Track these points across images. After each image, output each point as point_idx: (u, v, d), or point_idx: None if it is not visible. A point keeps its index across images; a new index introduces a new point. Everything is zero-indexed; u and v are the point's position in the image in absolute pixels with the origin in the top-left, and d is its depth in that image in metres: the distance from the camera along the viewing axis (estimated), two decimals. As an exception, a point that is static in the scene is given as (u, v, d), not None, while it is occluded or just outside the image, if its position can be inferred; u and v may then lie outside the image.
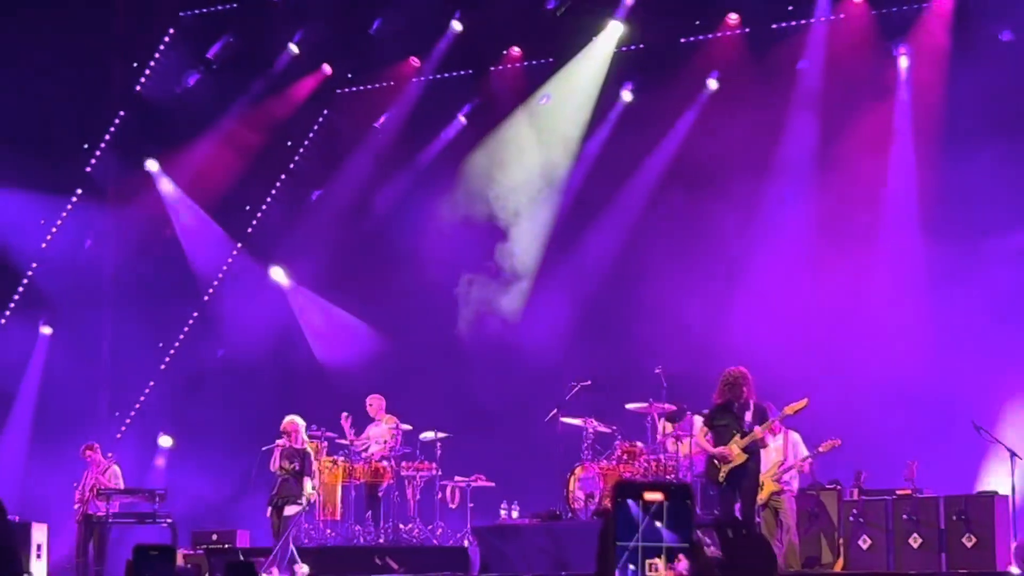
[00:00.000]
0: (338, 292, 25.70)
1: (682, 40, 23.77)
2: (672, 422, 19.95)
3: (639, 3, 23.27)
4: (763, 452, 17.04)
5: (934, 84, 22.08)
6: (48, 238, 24.42)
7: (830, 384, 20.44)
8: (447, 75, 25.22)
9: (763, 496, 17.39)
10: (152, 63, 24.66)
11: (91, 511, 21.02)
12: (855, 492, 18.52)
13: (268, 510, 19.51)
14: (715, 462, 16.66)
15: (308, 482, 19.59)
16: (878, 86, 22.56)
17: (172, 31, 24.70)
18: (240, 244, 26.25)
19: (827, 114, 22.50)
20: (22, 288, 24.57)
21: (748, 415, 16.68)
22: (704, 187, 22.97)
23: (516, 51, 24.71)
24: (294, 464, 19.28)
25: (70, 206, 24.63)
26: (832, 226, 22.20)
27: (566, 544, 19.03)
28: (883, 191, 22.06)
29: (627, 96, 24.30)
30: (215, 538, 21.15)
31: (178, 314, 25.76)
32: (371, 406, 21.67)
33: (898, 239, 21.78)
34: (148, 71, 24.70)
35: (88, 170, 24.73)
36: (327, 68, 25.47)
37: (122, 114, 24.80)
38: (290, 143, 26.24)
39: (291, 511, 19.26)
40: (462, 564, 19.52)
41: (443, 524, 21.30)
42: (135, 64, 24.74)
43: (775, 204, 22.63)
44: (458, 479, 21.47)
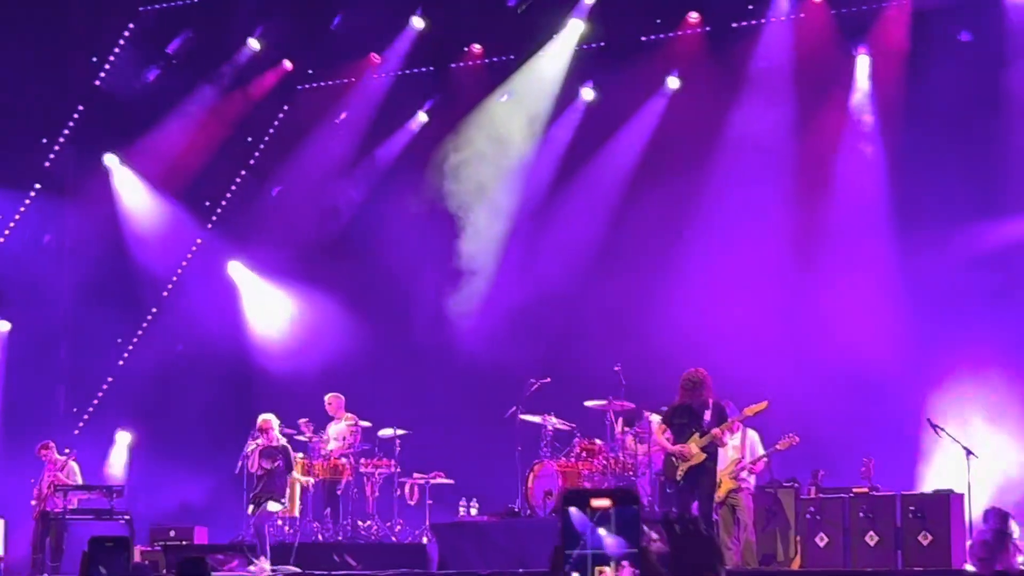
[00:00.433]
0: (298, 288, 25.65)
1: (643, 38, 23.80)
2: (629, 425, 20.01)
3: (600, 1, 23.30)
4: (721, 450, 17.09)
5: (894, 83, 22.19)
6: (6, 233, 24.27)
7: (788, 382, 20.50)
8: (408, 72, 25.18)
9: (720, 494, 17.46)
10: (111, 57, 24.53)
11: (49, 508, 20.94)
12: (812, 490, 18.61)
13: (250, 508, 19.27)
14: (673, 460, 16.71)
15: (298, 476, 19.63)
16: (838, 85, 22.63)
17: (131, 25, 24.56)
18: (200, 239, 26.17)
19: (787, 113, 22.55)
20: (-20, 283, 24.46)
21: (707, 414, 16.73)
22: (664, 185, 23.01)
23: (477, 48, 24.70)
24: (276, 462, 19.13)
25: (28, 200, 24.47)
26: (791, 225, 22.26)
27: (525, 541, 19.06)
28: (841, 190, 22.13)
29: (588, 94, 24.34)
30: (173, 534, 21.10)
31: (137, 309, 25.66)
32: (330, 404, 21.67)
33: (856, 238, 21.86)
34: (107, 65, 24.57)
35: (47, 165, 24.56)
36: (288, 64, 25.41)
37: (81, 108, 24.65)
38: (251, 139, 26.18)
39: (275, 508, 19.16)
40: (421, 561, 19.54)
41: (402, 521, 21.32)
42: (94, 58, 24.60)
43: (735, 203, 22.65)
44: (417, 476, 21.50)
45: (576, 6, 23.57)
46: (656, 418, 18.52)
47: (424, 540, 20.47)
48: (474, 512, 21.02)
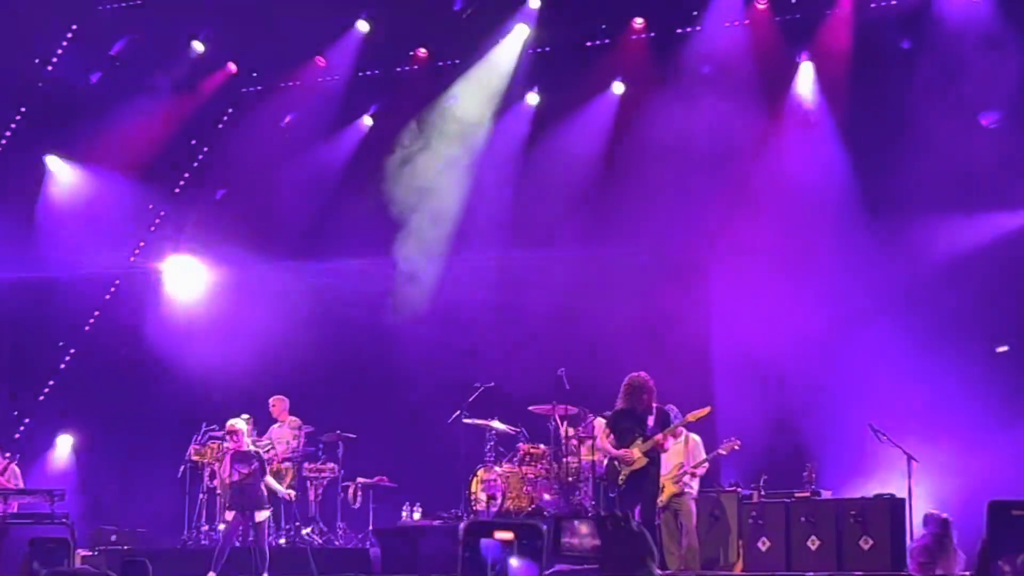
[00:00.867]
0: (241, 292, 25.56)
1: (588, 44, 23.85)
2: (573, 426, 20.03)
3: (545, 6, 23.34)
4: (664, 455, 17.13)
5: (837, 89, 22.31)
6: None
7: (731, 387, 20.61)
8: (354, 75, 25.13)
9: (664, 499, 17.52)
10: (54, 59, 24.39)
11: (-10, 511, 20.81)
12: (755, 495, 18.69)
13: (230, 514, 18.84)
14: (615, 464, 16.74)
15: (273, 481, 19.48)
16: (782, 91, 22.73)
17: (75, 26, 24.43)
18: (143, 242, 26.06)
19: (731, 118, 22.63)
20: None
21: (650, 419, 16.77)
22: (609, 189, 23.09)
23: (423, 52, 24.68)
24: (253, 467, 18.82)
25: (-30, 204, 24.37)
26: (734, 229, 22.34)
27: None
28: (785, 194, 22.20)
29: (533, 98, 24.37)
30: (114, 538, 20.98)
31: (80, 312, 25.51)
32: (274, 407, 21.61)
33: (797, 242, 21.92)
34: (50, 66, 24.43)
35: (-11, 166, 24.48)
36: (232, 66, 25.32)
37: (23, 110, 24.52)
38: (194, 141, 26.07)
39: (262, 516, 18.82)
40: (363, 565, 19.48)
41: (344, 525, 21.27)
42: (36, 60, 24.45)
43: (678, 207, 22.72)
44: (360, 480, 21.45)
45: (522, 11, 23.59)
46: (600, 422, 18.54)
47: (367, 544, 20.43)
48: (417, 516, 20.98)
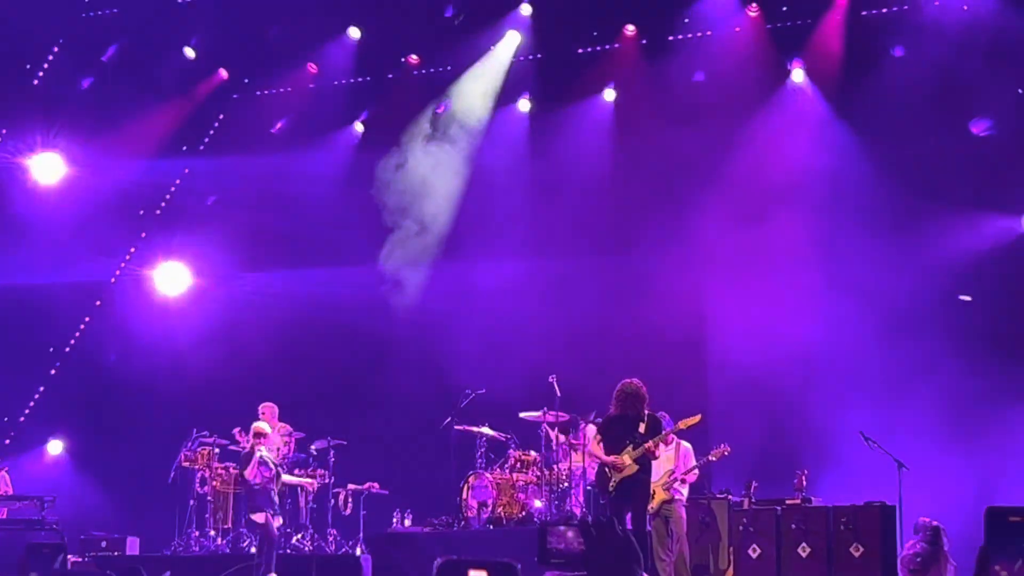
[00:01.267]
0: (230, 298, 25.52)
1: (579, 51, 23.88)
2: (565, 433, 20.02)
3: (537, 14, 23.36)
4: (655, 462, 17.09)
5: (828, 97, 22.35)
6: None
7: (721, 393, 20.61)
8: (345, 81, 25.15)
9: (654, 505, 17.48)
10: (46, 65, 24.38)
11: (-21, 517, 20.81)
12: (745, 501, 18.67)
13: (260, 516, 18.67)
14: (606, 471, 16.71)
15: (292, 477, 19.57)
16: (774, 97, 22.75)
17: (65, 33, 24.44)
18: (134, 248, 26.03)
19: (723, 125, 22.66)
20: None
21: (642, 426, 16.74)
22: (602, 196, 23.09)
23: (414, 59, 24.69)
24: (274, 471, 18.86)
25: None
26: (726, 235, 22.34)
27: (459, 552, 19.01)
28: (777, 202, 22.20)
29: (524, 105, 24.39)
30: (104, 545, 20.92)
31: (70, 318, 25.47)
32: (263, 414, 21.54)
33: (789, 250, 21.93)
34: (41, 73, 24.42)
35: (-21, 172, 24.47)
36: (223, 73, 25.32)
37: (14, 115, 24.48)
38: (185, 147, 26.05)
39: (278, 522, 18.84)
40: (354, 572, 19.46)
41: (335, 532, 21.23)
42: (28, 66, 24.45)
43: (670, 213, 22.74)
44: (351, 487, 21.41)
45: (513, 18, 23.61)
46: (591, 429, 18.53)
47: (358, 551, 20.40)
48: (408, 523, 20.96)
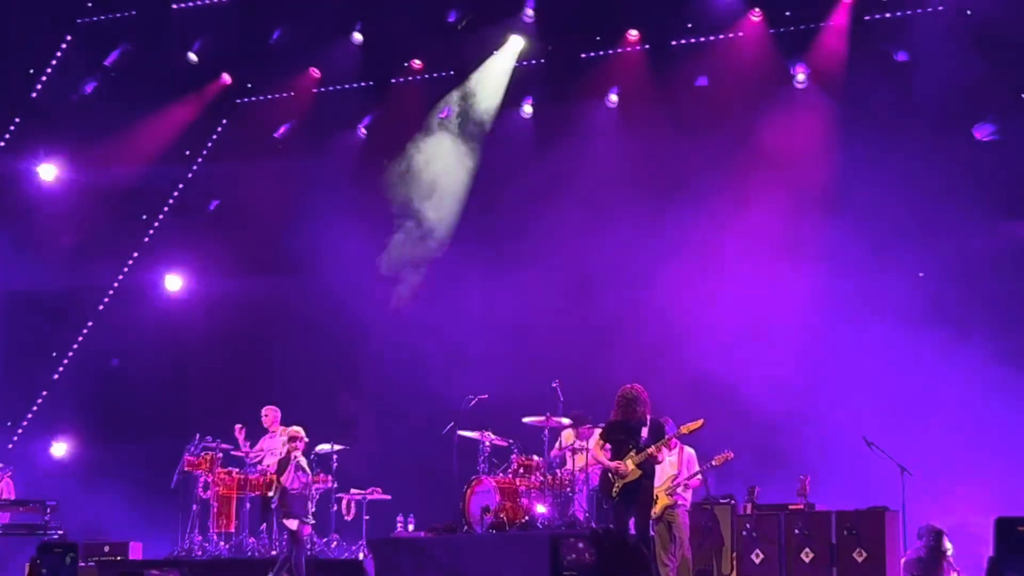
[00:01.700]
0: (235, 301, 25.53)
1: (583, 55, 23.88)
2: (577, 426, 19.84)
3: (540, 18, 23.35)
4: (658, 467, 17.08)
5: (831, 102, 22.32)
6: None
7: (724, 398, 20.59)
8: (348, 86, 25.16)
9: (657, 510, 17.47)
10: (48, 69, 24.40)
11: (-18, 522, 20.85)
12: (748, 507, 18.67)
13: (293, 523, 18.92)
14: (609, 476, 16.69)
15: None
16: (776, 102, 22.72)
17: (69, 37, 24.46)
18: (137, 253, 26.04)
19: (726, 130, 22.66)
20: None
21: (644, 431, 16.72)
22: (602, 201, 23.08)
23: (417, 63, 24.69)
24: (310, 476, 19.01)
25: (-36, 212, 24.41)
26: (728, 242, 22.34)
27: (462, 558, 19.02)
28: (780, 206, 22.19)
29: (528, 110, 24.39)
30: (107, 549, 20.92)
31: (72, 323, 25.47)
32: (266, 417, 21.53)
33: (790, 254, 21.92)
34: (44, 77, 24.44)
35: (-18, 176, 24.51)
36: (226, 77, 25.32)
37: (17, 120, 24.53)
38: (188, 152, 26.05)
39: (294, 524, 18.98)
40: (359, 576, 19.48)
41: (338, 537, 21.22)
42: (31, 70, 24.47)
43: (673, 219, 22.74)
44: (354, 491, 21.40)
45: (516, 22, 23.60)
46: (596, 432, 18.50)
47: (361, 556, 20.38)
48: (410, 528, 20.94)
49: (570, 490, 19.49)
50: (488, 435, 20.46)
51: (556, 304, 23.24)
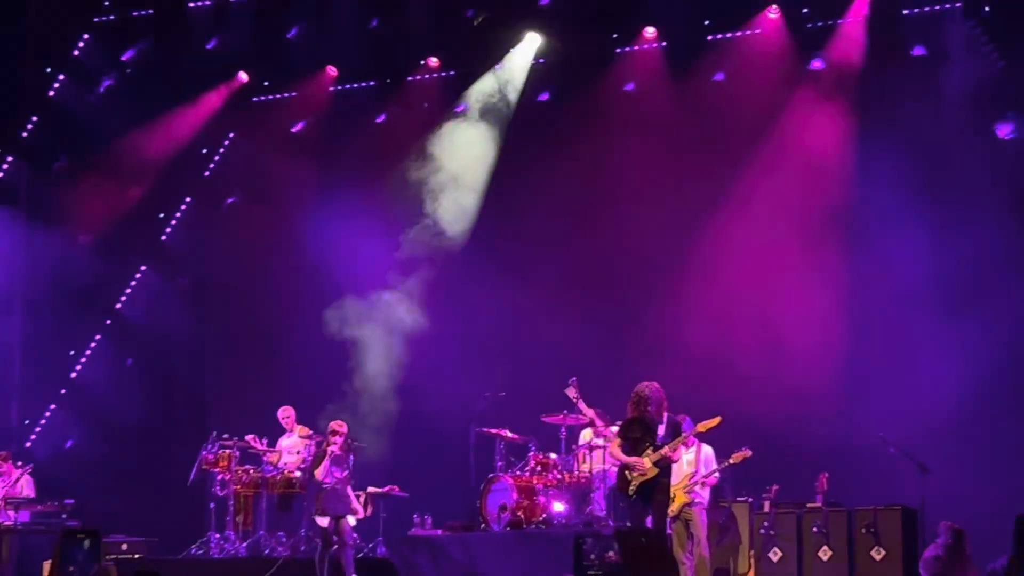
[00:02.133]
0: (250, 300, 25.54)
1: (599, 52, 23.83)
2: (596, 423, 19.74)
3: (556, 15, 23.32)
4: (675, 465, 17.02)
5: (849, 98, 22.26)
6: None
7: (742, 396, 20.54)
8: (364, 84, 25.16)
9: (674, 508, 17.41)
10: (66, 69, 24.43)
11: (1, 520, 20.85)
12: (766, 505, 18.63)
13: (324, 520, 18.96)
14: (626, 474, 16.63)
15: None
16: (794, 99, 22.67)
17: (87, 37, 24.49)
18: (154, 251, 26.06)
19: (744, 127, 22.62)
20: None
21: (661, 429, 16.68)
22: (620, 199, 23.05)
23: (434, 61, 24.68)
24: (347, 472, 18.96)
25: (-20, 212, 24.47)
26: (744, 239, 22.29)
27: (479, 556, 19.03)
28: (797, 203, 22.14)
29: (544, 106, 24.30)
30: (125, 548, 20.94)
31: (90, 322, 25.49)
32: (285, 419, 21.54)
33: (807, 251, 21.85)
34: (62, 77, 24.48)
35: (-1, 176, 24.56)
36: (243, 76, 25.33)
37: (35, 120, 24.56)
38: (205, 150, 26.07)
39: (351, 522, 19.00)
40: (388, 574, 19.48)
41: (355, 535, 21.21)
42: (48, 69, 24.51)
43: (690, 213, 22.73)
44: (371, 489, 21.39)
45: (534, 19, 23.57)
46: (612, 431, 18.49)
47: (380, 553, 20.40)
48: (428, 526, 20.93)
49: (588, 488, 19.50)
50: (505, 433, 20.47)
51: (574, 301, 23.20)
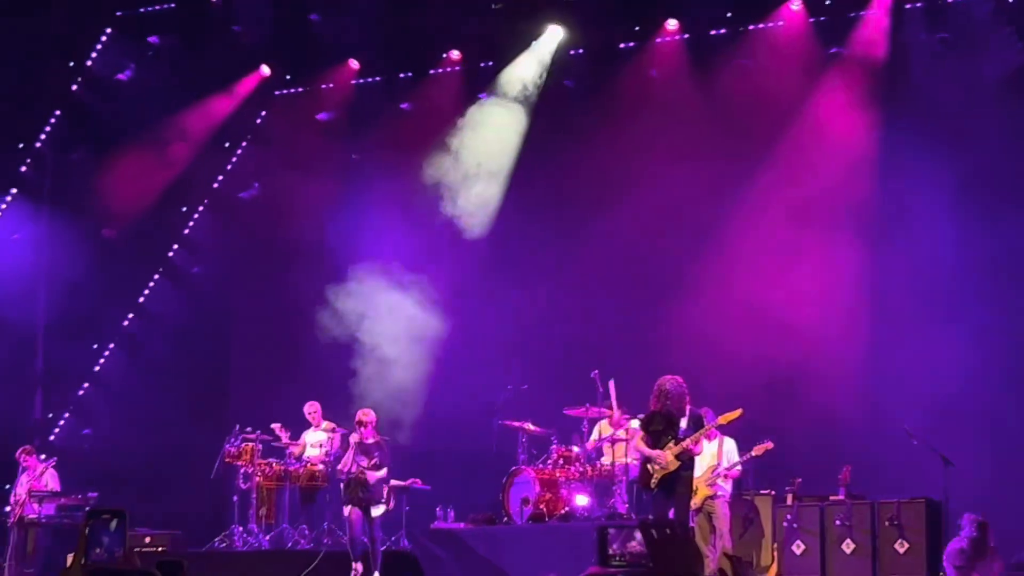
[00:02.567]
0: (272, 293, 25.56)
1: (621, 45, 23.81)
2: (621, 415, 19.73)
3: (578, 8, 23.30)
4: (698, 457, 17.01)
5: (872, 88, 22.19)
6: (-18, 237, 24.25)
7: (765, 389, 20.52)
8: (386, 77, 25.16)
9: (697, 501, 17.41)
10: (88, 62, 24.49)
11: (26, 513, 20.92)
12: (789, 497, 18.62)
13: (347, 509, 18.93)
14: (648, 467, 16.62)
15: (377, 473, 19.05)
16: (817, 91, 22.60)
17: (109, 30, 24.53)
18: (176, 244, 26.12)
19: (765, 119, 22.56)
20: (-43, 288, 24.37)
21: (684, 422, 16.67)
22: (642, 190, 22.99)
23: (456, 54, 24.67)
24: (374, 459, 18.88)
25: (4, 206, 24.46)
26: (767, 230, 22.21)
27: (502, 549, 19.04)
28: (818, 194, 22.06)
29: (566, 97, 24.27)
30: (148, 540, 20.99)
31: (113, 315, 25.56)
32: (312, 414, 21.54)
33: (831, 244, 21.79)
34: (85, 70, 24.53)
35: (23, 170, 24.57)
36: (265, 69, 25.35)
37: (58, 113, 24.63)
38: (228, 144, 26.11)
39: (378, 512, 18.95)
40: (412, 568, 19.47)
41: (380, 533, 21.24)
42: (71, 63, 24.56)
43: (710, 206, 22.68)
44: (394, 482, 21.40)
45: (555, 12, 23.56)
46: (634, 424, 18.49)
47: (403, 545, 20.42)
48: (451, 519, 20.95)
49: (610, 481, 19.50)
50: (528, 425, 20.48)
51: (598, 293, 23.20)
